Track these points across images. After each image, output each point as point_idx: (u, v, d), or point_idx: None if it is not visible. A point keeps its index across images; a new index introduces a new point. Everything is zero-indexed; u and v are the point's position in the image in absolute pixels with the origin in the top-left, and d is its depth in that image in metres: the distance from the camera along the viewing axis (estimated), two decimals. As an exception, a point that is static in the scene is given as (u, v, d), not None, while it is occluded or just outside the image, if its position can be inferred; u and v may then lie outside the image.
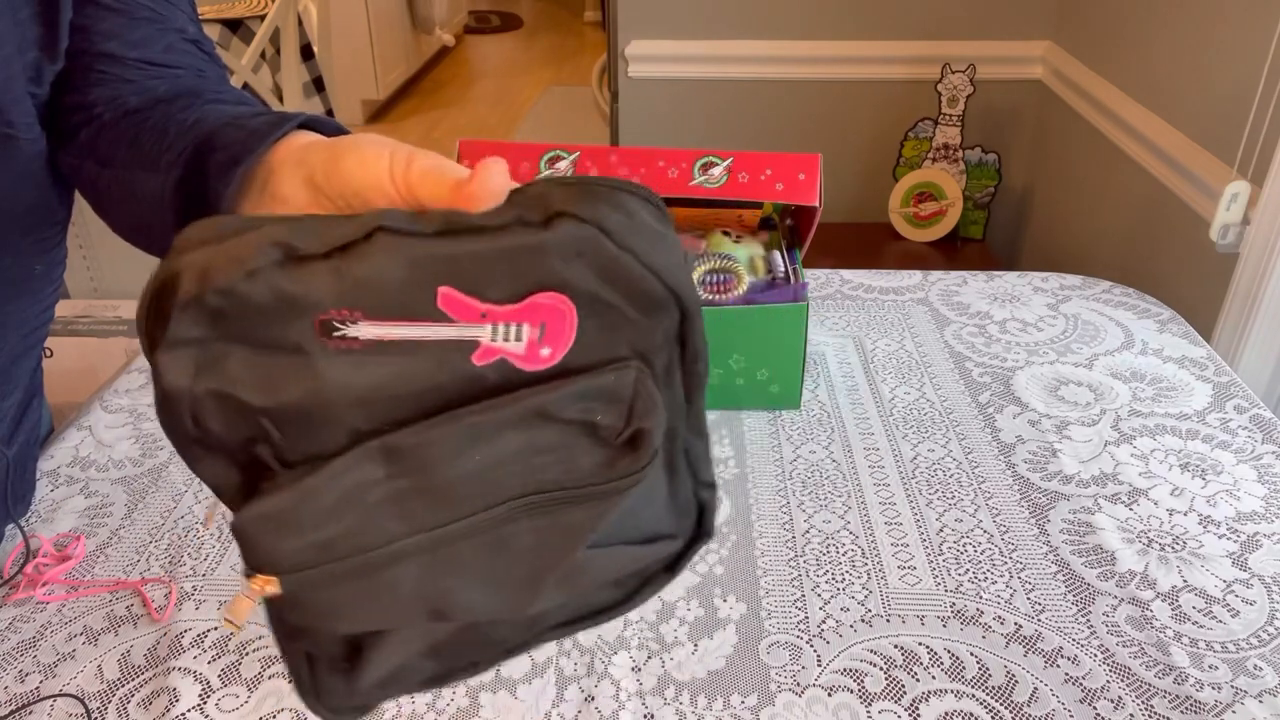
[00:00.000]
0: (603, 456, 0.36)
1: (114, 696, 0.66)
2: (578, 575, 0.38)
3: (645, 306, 0.35)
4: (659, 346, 0.37)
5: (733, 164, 0.94)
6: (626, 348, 0.36)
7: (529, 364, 0.34)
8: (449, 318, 0.33)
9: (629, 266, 0.34)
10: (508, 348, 0.34)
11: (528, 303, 0.33)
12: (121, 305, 2.27)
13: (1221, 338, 1.27)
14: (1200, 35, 1.40)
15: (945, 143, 2.00)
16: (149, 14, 0.62)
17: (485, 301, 0.33)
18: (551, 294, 0.33)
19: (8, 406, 0.73)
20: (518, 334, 0.34)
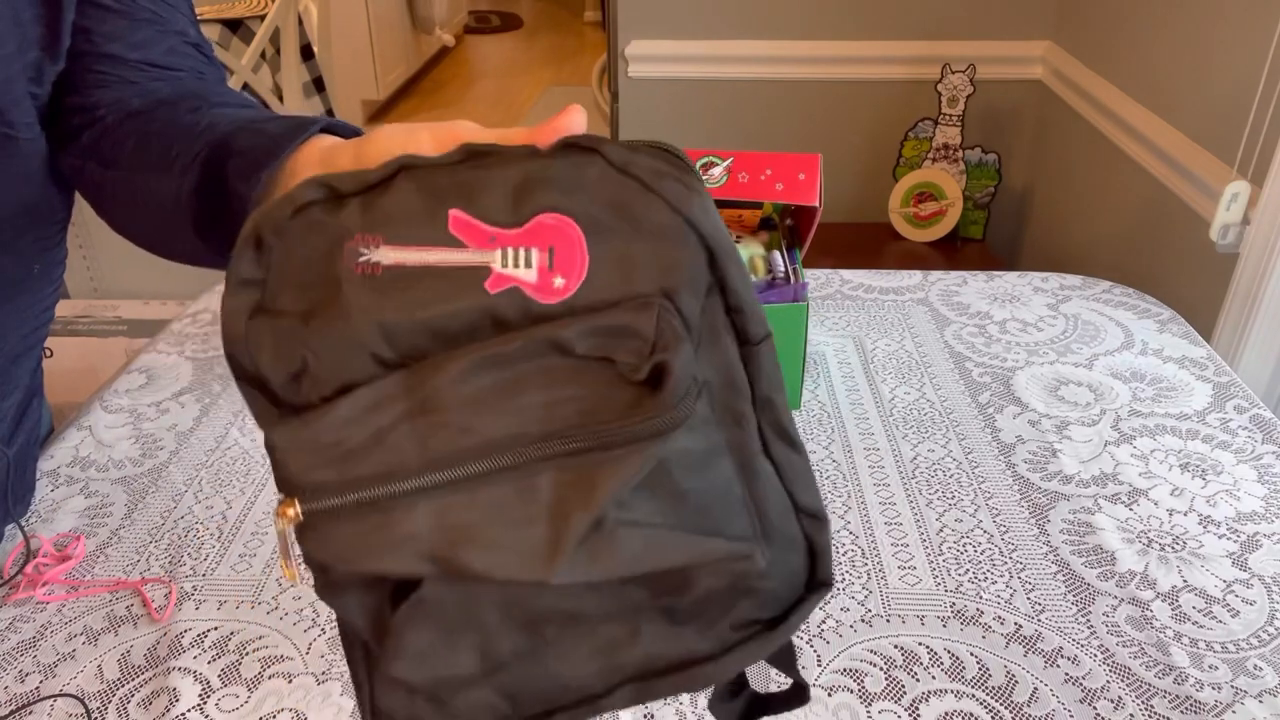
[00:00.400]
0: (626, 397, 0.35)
1: (114, 696, 0.66)
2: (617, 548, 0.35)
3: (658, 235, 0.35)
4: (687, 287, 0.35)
5: (733, 164, 0.94)
6: (650, 285, 0.35)
7: (542, 294, 0.34)
8: (460, 243, 0.34)
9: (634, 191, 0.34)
10: (519, 275, 0.34)
11: (532, 224, 0.34)
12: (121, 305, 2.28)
13: (1221, 338, 1.27)
14: (1200, 35, 1.40)
15: (945, 143, 2.00)
16: (150, 16, 0.63)
17: (492, 225, 0.34)
18: (554, 215, 0.34)
19: (7, 406, 0.73)
20: (527, 259, 0.34)
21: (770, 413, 0.38)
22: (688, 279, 0.35)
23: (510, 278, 0.34)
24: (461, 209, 0.34)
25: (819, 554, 0.39)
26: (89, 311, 2.24)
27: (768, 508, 0.37)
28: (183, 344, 1.11)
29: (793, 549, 0.38)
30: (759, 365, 0.37)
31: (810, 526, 0.39)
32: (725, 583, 0.37)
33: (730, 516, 0.36)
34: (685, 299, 0.35)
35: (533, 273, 0.34)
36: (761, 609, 0.38)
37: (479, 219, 0.34)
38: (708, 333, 0.36)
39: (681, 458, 0.35)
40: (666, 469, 0.35)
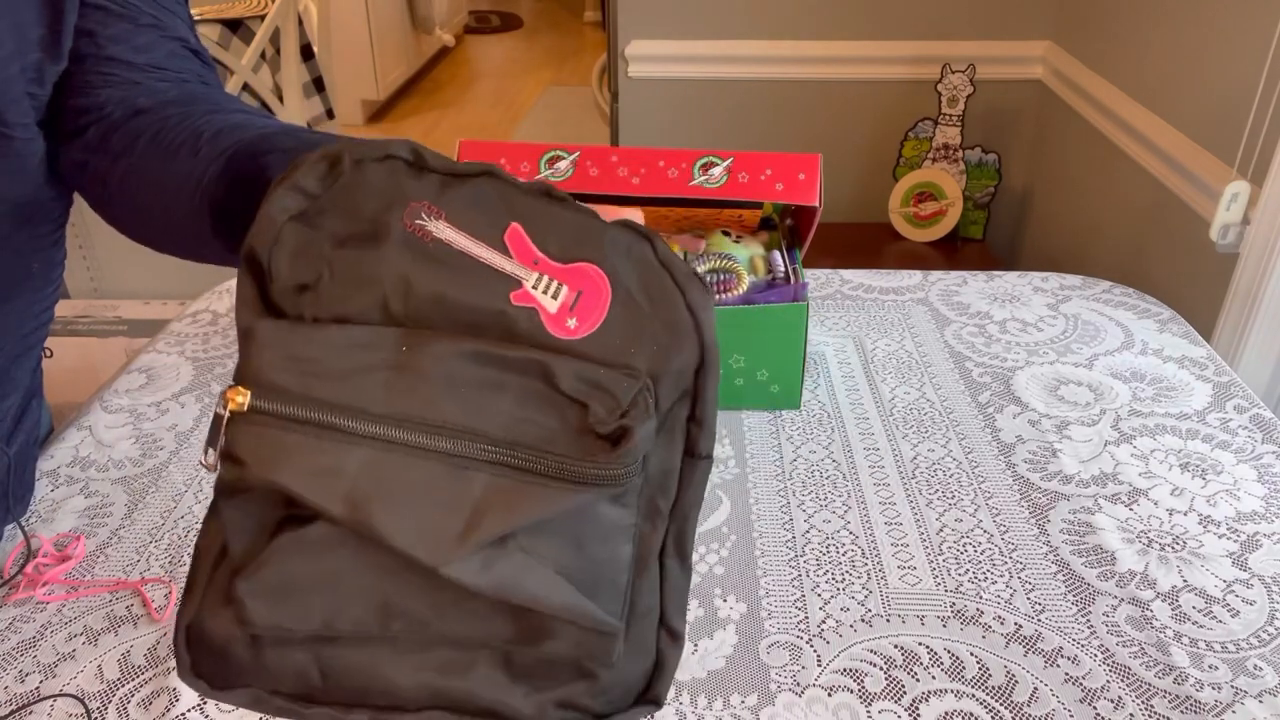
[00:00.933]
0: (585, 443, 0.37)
1: (114, 696, 0.66)
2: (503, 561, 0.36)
3: (669, 326, 0.38)
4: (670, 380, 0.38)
5: (733, 164, 0.94)
6: (642, 363, 0.38)
7: (555, 328, 0.37)
8: (508, 252, 0.37)
9: (665, 282, 0.38)
10: (542, 300, 0.37)
11: (576, 266, 0.38)
12: (121, 305, 2.28)
13: (1221, 338, 1.27)
14: (1200, 35, 1.40)
15: (945, 143, 2.00)
16: (152, 21, 0.64)
17: (541, 251, 0.38)
18: (596, 269, 0.38)
19: (7, 407, 0.73)
20: (556, 290, 0.37)
21: (679, 525, 0.40)
22: (674, 374, 0.38)
23: (534, 299, 0.37)
24: (523, 226, 0.38)
25: (662, 671, 0.40)
26: (89, 311, 2.24)
27: (638, 608, 0.39)
28: (183, 344, 1.11)
29: (641, 655, 0.40)
30: (692, 479, 0.40)
31: (666, 643, 0.40)
32: (574, 653, 0.38)
33: (610, 594, 0.38)
34: (665, 390, 0.38)
35: (555, 304, 0.37)
36: (591, 698, 0.39)
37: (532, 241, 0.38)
38: (666, 430, 0.39)
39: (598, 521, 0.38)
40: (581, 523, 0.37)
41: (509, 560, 0.36)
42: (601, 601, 0.38)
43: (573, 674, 0.39)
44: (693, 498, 0.40)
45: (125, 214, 0.61)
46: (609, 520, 0.38)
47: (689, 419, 0.39)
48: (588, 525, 0.37)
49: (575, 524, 0.37)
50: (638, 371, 0.38)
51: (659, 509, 0.39)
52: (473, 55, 5.04)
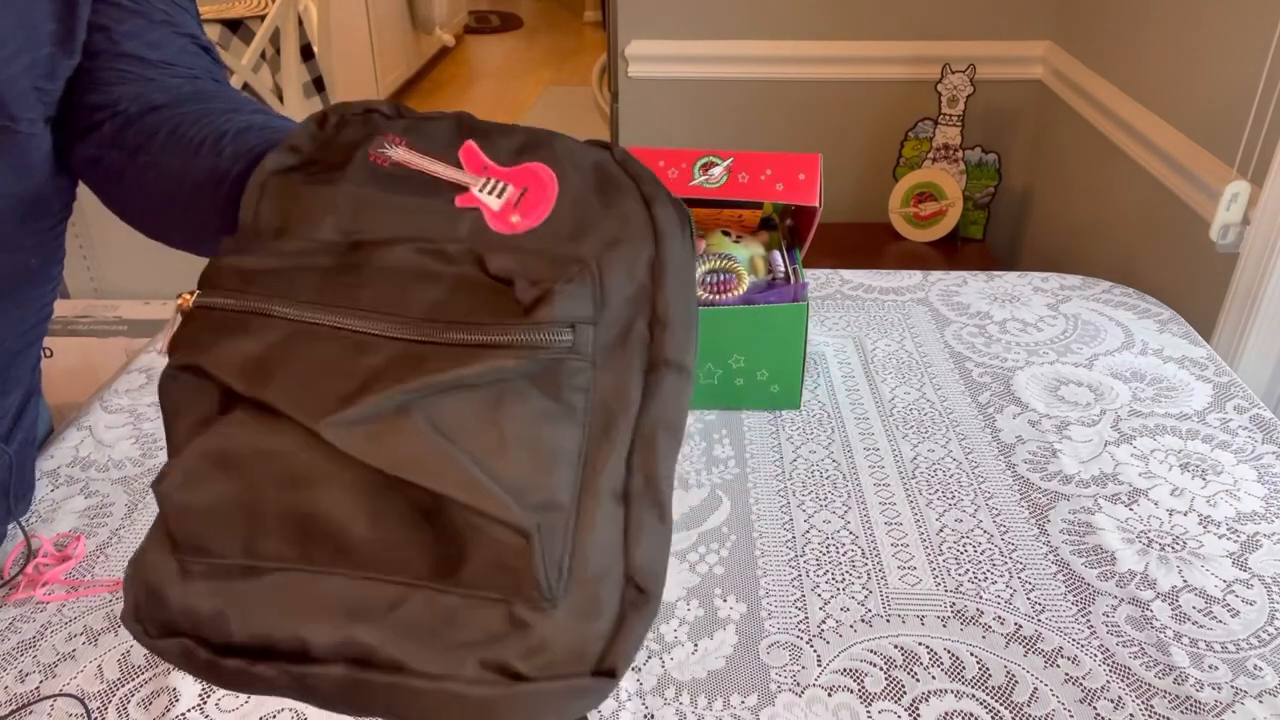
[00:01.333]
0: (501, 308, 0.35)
1: (114, 696, 0.66)
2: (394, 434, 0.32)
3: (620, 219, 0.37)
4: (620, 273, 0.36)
5: (733, 164, 0.94)
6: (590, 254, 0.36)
7: (497, 223, 0.38)
8: (459, 165, 0.40)
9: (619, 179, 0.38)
10: (486, 200, 0.39)
11: (523, 167, 0.39)
12: (121, 305, 2.27)
13: (1221, 338, 1.27)
14: (1200, 35, 1.40)
15: (945, 143, 2.00)
16: (164, 17, 0.65)
17: (492, 160, 0.40)
18: (543, 166, 0.39)
19: (8, 405, 0.73)
20: (500, 190, 0.39)
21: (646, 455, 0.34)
22: (623, 265, 0.36)
23: (478, 200, 0.39)
24: (476, 143, 0.40)
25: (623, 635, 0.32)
26: (89, 311, 2.24)
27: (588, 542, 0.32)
28: (183, 344, 1.11)
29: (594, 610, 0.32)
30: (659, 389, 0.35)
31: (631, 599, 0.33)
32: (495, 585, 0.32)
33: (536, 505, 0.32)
34: (614, 281, 0.35)
35: (498, 203, 0.38)
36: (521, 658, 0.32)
37: (484, 153, 0.40)
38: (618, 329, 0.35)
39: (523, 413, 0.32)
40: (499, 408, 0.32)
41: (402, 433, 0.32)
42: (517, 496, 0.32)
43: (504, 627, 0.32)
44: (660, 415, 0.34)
45: (140, 208, 0.62)
46: (539, 414, 0.33)
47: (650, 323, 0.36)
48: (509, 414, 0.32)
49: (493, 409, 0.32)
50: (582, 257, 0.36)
51: (613, 419, 0.34)
52: (473, 55, 5.04)
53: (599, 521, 0.33)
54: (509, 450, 0.32)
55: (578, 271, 0.35)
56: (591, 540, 0.33)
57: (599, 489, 0.33)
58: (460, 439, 0.32)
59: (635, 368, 0.35)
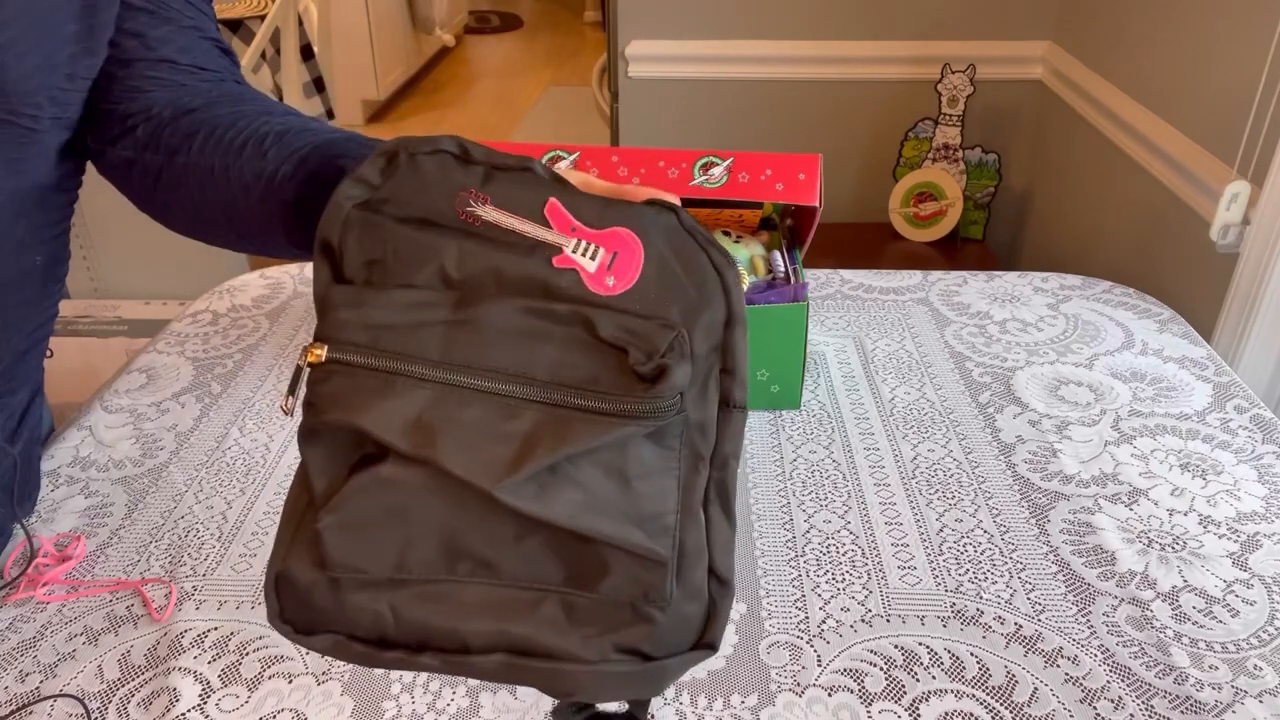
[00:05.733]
0: (626, 381, 0.41)
1: (114, 696, 0.66)
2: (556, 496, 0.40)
3: (698, 284, 0.42)
4: (702, 332, 0.42)
5: (733, 164, 0.94)
6: (677, 316, 0.42)
7: (595, 285, 0.42)
8: (548, 224, 0.42)
9: (690, 245, 0.42)
10: (582, 262, 0.42)
11: (609, 230, 0.42)
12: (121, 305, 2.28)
13: (1221, 338, 1.27)
14: (1200, 35, 1.40)
15: (945, 143, 2.00)
16: (191, 23, 0.67)
17: (578, 219, 0.42)
18: (629, 231, 0.42)
19: (15, 403, 0.73)
20: (593, 253, 0.42)
21: (721, 473, 0.43)
22: (705, 327, 0.42)
23: (574, 262, 0.42)
24: (559, 200, 0.42)
25: (715, 617, 0.43)
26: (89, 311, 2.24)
27: (687, 549, 0.42)
28: (183, 344, 1.11)
29: (695, 600, 0.42)
30: (729, 427, 0.43)
31: (716, 590, 0.43)
32: (630, 591, 0.41)
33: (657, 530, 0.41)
34: (698, 340, 0.42)
35: (593, 265, 0.42)
36: (649, 642, 0.41)
37: (570, 212, 0.42)
38: (700, 380, 0.42)
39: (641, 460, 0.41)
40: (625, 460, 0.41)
41: (560, 489, 0.40)
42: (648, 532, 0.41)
43: (630, 618, 0.41)
44: (731, 447, 0.43)
45: (178, 207, 0.63)
46: (651, 459, 0.41)
47: (721, 371, 0.43)
48: (631, 463, 0.40)
49: (620, 461, 0.40)
50: (673, 322, 0.41)
51: (700, 454, 0.42)
52: (473, 55, 5.03)
53: (691, 534, 0.42)
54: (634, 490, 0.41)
55: (676, 338, 0.41)
56: (687, 540, 0.42)
57: (693, 509, 0.42)
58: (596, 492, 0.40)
59: (713, 411, 0.43)
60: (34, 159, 0.63)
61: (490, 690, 0.67)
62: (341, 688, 0.67)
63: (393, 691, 0.67)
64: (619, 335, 0.41)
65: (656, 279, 0.42)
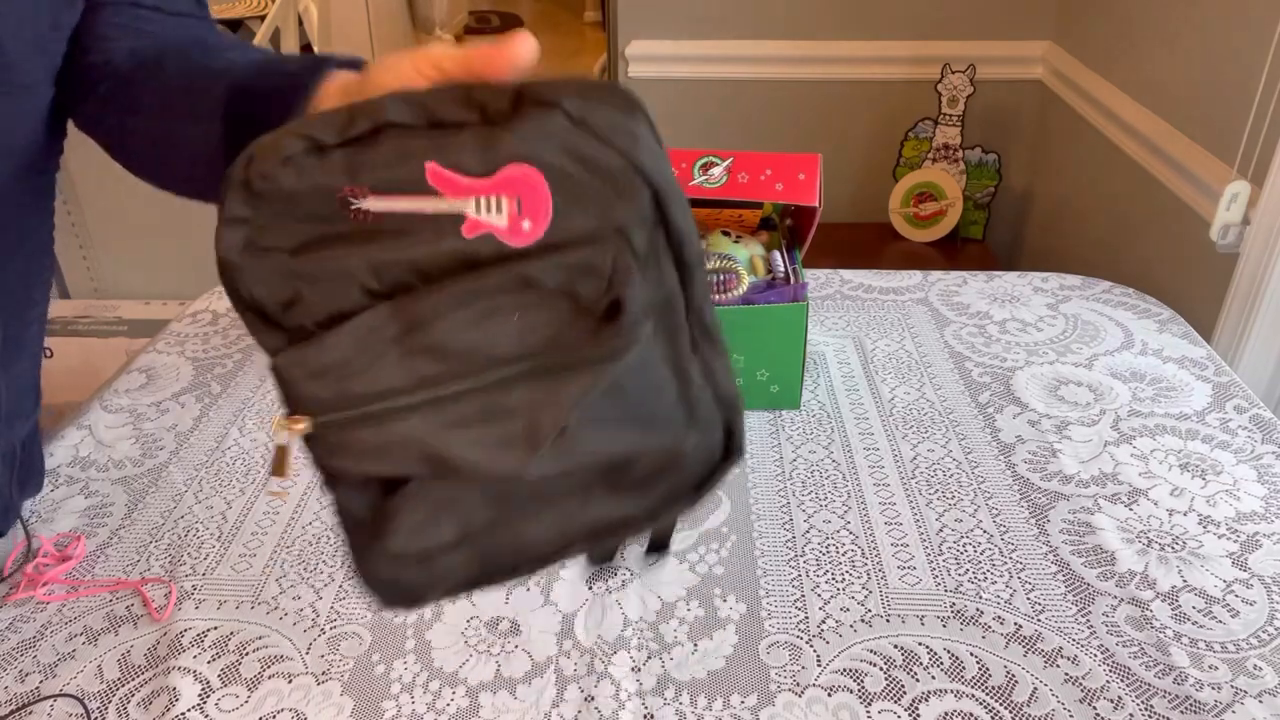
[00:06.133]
0: (587, 325, 0.40)
1: (114, 696, 0.66)
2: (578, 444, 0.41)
3: (612, 181, 0.39)
4: (636, 225, 0.40)
5: (733, 164, 0.94)
6: (604, 224, 0.40)
7: (514, 238, 0.39)
8: (438, 192, 0.39)
9: (586, 141, 0.39)
10: (491, 220, 0.39)
11: (501, 175, 0.38)
12: (121, 305, 2.27)
13: (1221, 338, 1.27)
14: (1200, 35, 1.40)
15: (945, 143, 2.00)
16: None
17: (466, 175, 0.39)
18: (520, 166, 0.38)
19: (19, 371, 0.73)
20: (498, 206, 0.39)
21: (699, 318, 0.43)
22: (637, 217, 0.40)
23: (484, 224, 0.39)
24: (436, 161, 0.38)
25: (734, 432, 0.45)
26: (89, 311, 2.24)
27: (694, 399, 0.44)
28: (183, 344, 1.11)
29: (713, 429, 0.45)
30: (693, 282, 0.43)
31: (727, 412, 0.45)
32: (659, 464, 0.44)
33: (665, 411, 0.43)
34: (635, 234, 0.40)
35: (503, 218, 0.39)
36: (684, 480, 0.45)
37: (454, 170, 0.38)
38: (652, 260, 0.41)
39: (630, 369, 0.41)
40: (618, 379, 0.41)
41: (576, 439, 0.41)
42: (661, 425, 0.43)
43: (665, 474, 0.44)
44: (702, 294, 0.43)
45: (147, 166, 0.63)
46: (639, 362, 0.41)
47: (668, 241, 0.42)
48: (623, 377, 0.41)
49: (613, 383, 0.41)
50: (605, 234, 0.40)
51: (677, 324, 0.43)
52: (473, 55, 5.02)
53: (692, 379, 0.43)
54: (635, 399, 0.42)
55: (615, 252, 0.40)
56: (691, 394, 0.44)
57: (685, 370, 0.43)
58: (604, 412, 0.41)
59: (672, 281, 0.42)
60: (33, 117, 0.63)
61: (490, 690, 0.67)
62: (341, 688, 0.67)
63: (393, 691, 0.67)
64: (563, 280, 0.39)
65: (569, 198, 0.39)
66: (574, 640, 0.71)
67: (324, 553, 0.79)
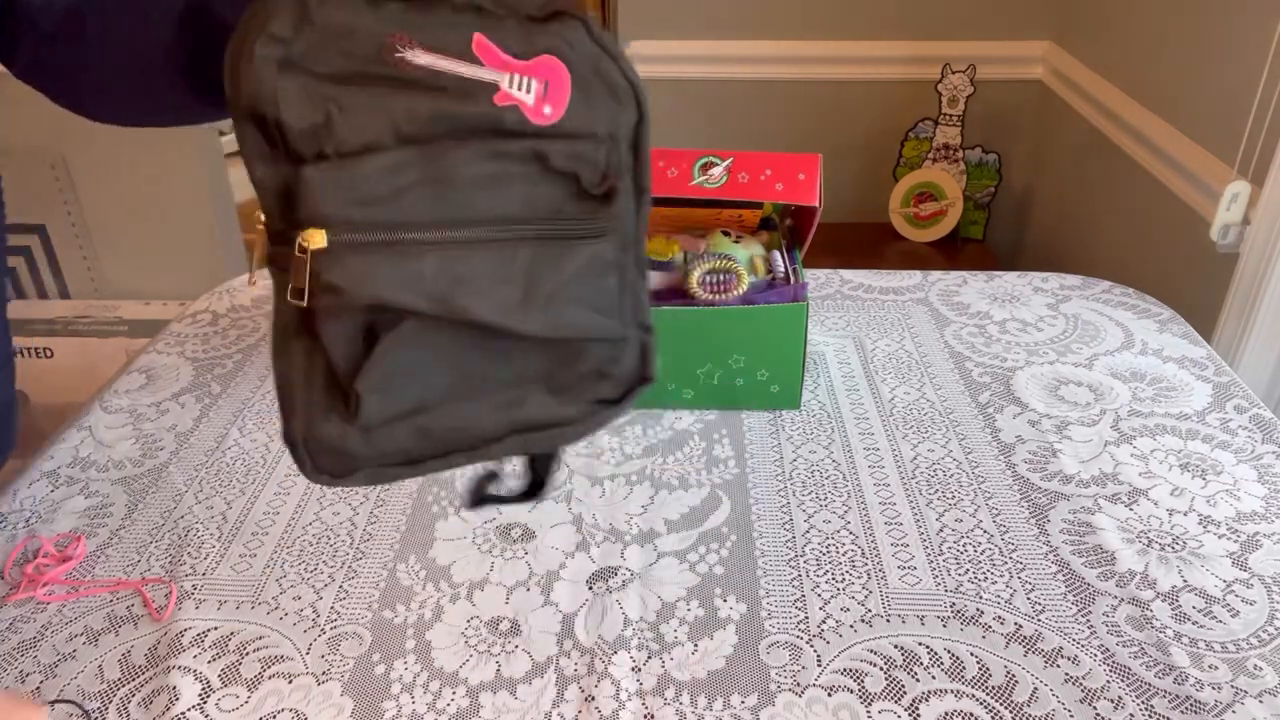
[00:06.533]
0: (584, 205, 0.46)
1: (114, 696, 0.66)
2: (555, 309, 0.46)
3: (614, 93, 0.46)
4: (624, 136, 0.47)
5: (733, 164, 0.94)
6: (603, 129, 0.46)
7: (535, 116, 0.44)
8: (479, 61, 0.43)
9: (602, 56, 0.45)
10: (520, 96, 0.44)
11: (537, 60, 0.44)
12: (122, 305, 2.27)
13: (1221, 338, 1.27)
14: (1200, 35, 1.40)
15: (945, 143, 2.00)
16: None
17: (506, 53, 0.43)
18: (553, 59, 0.44)
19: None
20: (528, 86, 0.44)
21: (639, 247, 0.49)
22: (625, 132, 0.47)
23: (514, 98, 0.44)
24: (484, 35, 0.43)
25: (647, 356, 0.51)
26: (89, 311, 2.24)
27: (627, 315, 0.49)
28: (183, 344, 1.11)
29: (634, 349, 0.50)
30: (641, 210, 0.48)
31: (644, 338, 0.51)
32: (597, 365, 0.49)
33: (612, 302, 0.49)
34: (622, 146, 0.47)
35: (531, 98, 0.44)
36: (613, 390, 0.50)
37: (497, 45, 0.43)
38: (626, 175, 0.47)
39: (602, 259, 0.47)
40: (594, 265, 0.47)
41: (563, 307, 0.46)
42: (613, 316, 0.49)
43: (598, 378, 0.50)
44: (643, 224, 0.49)
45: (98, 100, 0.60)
46: (607, 258, 0.47)
47: (635, 162, 0.48)
48: (595, 267, 0.47)
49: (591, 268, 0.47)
50: (601, 136, 0.46)
51: (627, 239, 0.48)
52: (473, 55, 5.02)
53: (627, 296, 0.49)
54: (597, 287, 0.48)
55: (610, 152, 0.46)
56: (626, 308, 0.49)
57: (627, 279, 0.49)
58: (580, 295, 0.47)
59: (631, 199, 0.48)
60: None
61: (490, 690, 0.67)
62: (341, 688, 0.67)
63: (393, 691, 0.67)
64: (569, 163, 0.45)
65: (581, 96, 0.45)
66: (574, 640, 0.71)
67: (324, 553, 0.79)
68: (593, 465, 0.90)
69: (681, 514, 0.83)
